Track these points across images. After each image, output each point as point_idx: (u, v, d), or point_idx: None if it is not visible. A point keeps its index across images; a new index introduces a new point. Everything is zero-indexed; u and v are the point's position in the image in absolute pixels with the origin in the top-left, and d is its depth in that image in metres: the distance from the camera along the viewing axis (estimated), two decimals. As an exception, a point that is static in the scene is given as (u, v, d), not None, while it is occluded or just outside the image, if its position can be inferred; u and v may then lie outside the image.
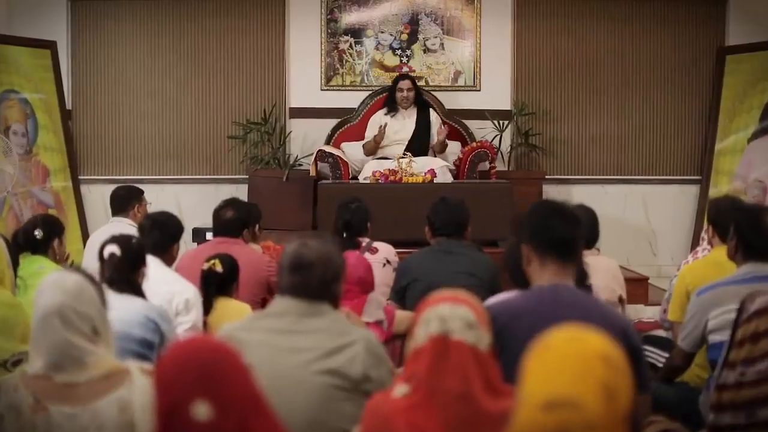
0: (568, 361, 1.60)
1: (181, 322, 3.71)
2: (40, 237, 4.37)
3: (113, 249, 3.31)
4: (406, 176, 7.00)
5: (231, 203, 4.83)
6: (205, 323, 3.85)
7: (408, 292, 4.51)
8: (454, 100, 8.44)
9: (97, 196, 8.17)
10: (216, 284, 3.96)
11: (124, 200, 5.43)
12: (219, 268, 3.97)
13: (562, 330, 1.68)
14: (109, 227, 5.12)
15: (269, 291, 4.54)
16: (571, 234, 2.76)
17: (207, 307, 3.89)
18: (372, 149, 7.69)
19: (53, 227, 4.49)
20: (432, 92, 8.31)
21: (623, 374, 1.63)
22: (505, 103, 8.50)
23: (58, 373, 2.29)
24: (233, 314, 3.77)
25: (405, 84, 7.80)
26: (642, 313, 5.95)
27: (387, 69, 8.49)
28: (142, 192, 5.56)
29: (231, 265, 4.03)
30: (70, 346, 2.30)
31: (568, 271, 2.77)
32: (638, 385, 1.78)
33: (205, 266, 3.99)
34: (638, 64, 8.52)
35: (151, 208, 5.29)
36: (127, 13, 8.34)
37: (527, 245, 2.79)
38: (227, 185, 8.36)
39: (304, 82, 8.45)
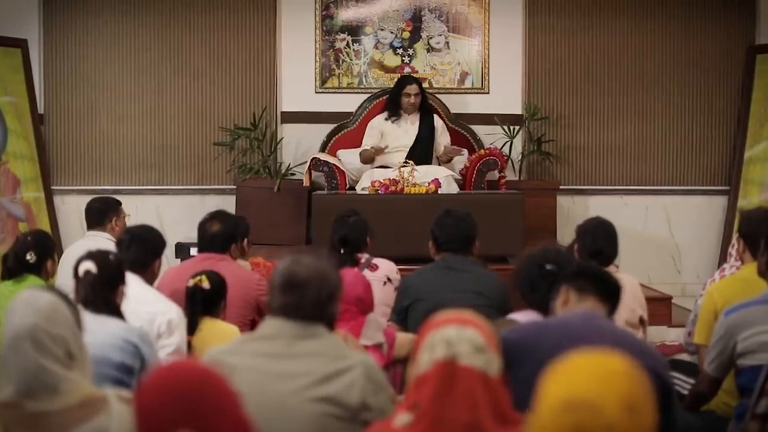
0: (591, 370, 1.72)
1: (164, 345, 3.72)
2: (33, 261, 4.42)
3: (89, 266, 3.32)
4: (407, 186, 7.00)
5: (217, 216, 4.83)
6: (189, 345, 3.85)
7: (410, 313, 4.51)
8: (460, 104, 8.45)
9: (72, 207, 8.16)
10: (202, 303, 3.97)
11: (101, 212, 5.44)
12: (206, 284, 3.97)
13: (586, 351, 1.78)
14: (85, 242, 5.12)
15: (259, 312, 4.54)
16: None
17: (192, 328, 3.89)
18: (369, 159, 7.68)
19: (46, 247, 4.55)
20: (436, 95, 8.32)
21: (646, 395, 1.71)
22: (515, 107, 8.51)
23: (30, 400, 2.29)
24: (220, 336, 3.77)
25: (412, 89, 7.78)
26: (665, 335, 5.96)
27: (387, 70, 8.51)
28: (119, 203, 5.56)
29: (218, 282, 4.04)
30: (42, 371, 2.30)
31: (601, 306, 2.97)
32: (665, 428, 1.84)
33: (191, 283, 3.99)
34: (661, 64, 8.53)
35: (131, 221, 5.30)
36: (105, 9, 8.35)
37: (567, 287, 2.99)
38: (213, 196, 8.37)
39: (297, 84, 8.47)
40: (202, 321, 3.95)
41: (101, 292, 3.31)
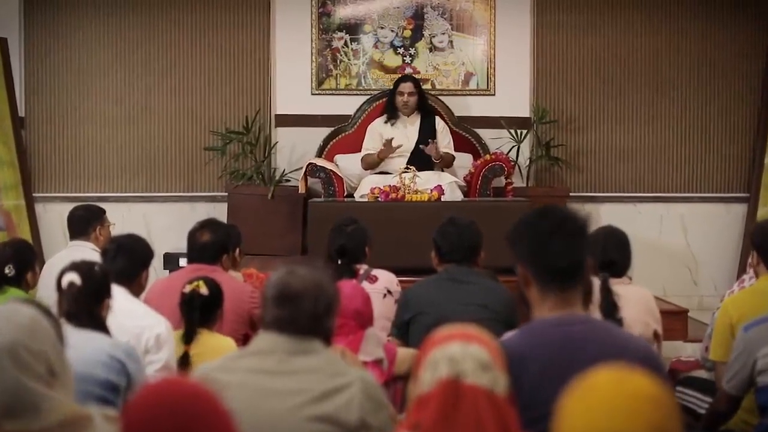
0: (614, 400, 1.69)
1: (152, 360, 3.72)
2: (12, 274, 4.43)
3: (73, 277, 3.32)
4: (409, 193, 7.01)
5: (208, 225, 4.84)
6: (186, 355, 3.84)
7: (412, 327, 4.51)
8: (464, 106, 8.46)
9: (54, 216, 8.17)
10: (200, 309, 3.96)
11: (84, 221, 5.45)
12: (204, 290, 3.97)
13: (604, 371, 1.76)
14: (68, 252, 5.14)
15: (252, 325, 4.54)
16: (577, 258, 2.69)
17: (190, 336, 3.89)
18: (373, 164, 7.68)
19: (26, 259, 4.57)
20: (439, 97, 8.32)
21: (673, 416, 1.70)
22: (523, 110, 8.52)
23: (10, 420, 2.29)
24: (218, 351, 3.77)
25: (406, 87, 7.79)
26: (681, 350, 5.96)
27: (387, 70, 8.51)
28: (103, 212, 5.58)
29: (216, 288, 4.04)
30: (23, 389, 2.29)
31: (575, 297, 2.70)
32: None
33: (187, 289, 3.99)
34: (676, 65, 8.54)
35: (116, 230, 5.31)
36: (90, 7, 8.37)
37: (524, 267, 2.71)
38: (204, 204, 8.37)
39: (292, 85, 8.47)
40: (199, 332, 3.94)
41: (86, 305, 3.31)
